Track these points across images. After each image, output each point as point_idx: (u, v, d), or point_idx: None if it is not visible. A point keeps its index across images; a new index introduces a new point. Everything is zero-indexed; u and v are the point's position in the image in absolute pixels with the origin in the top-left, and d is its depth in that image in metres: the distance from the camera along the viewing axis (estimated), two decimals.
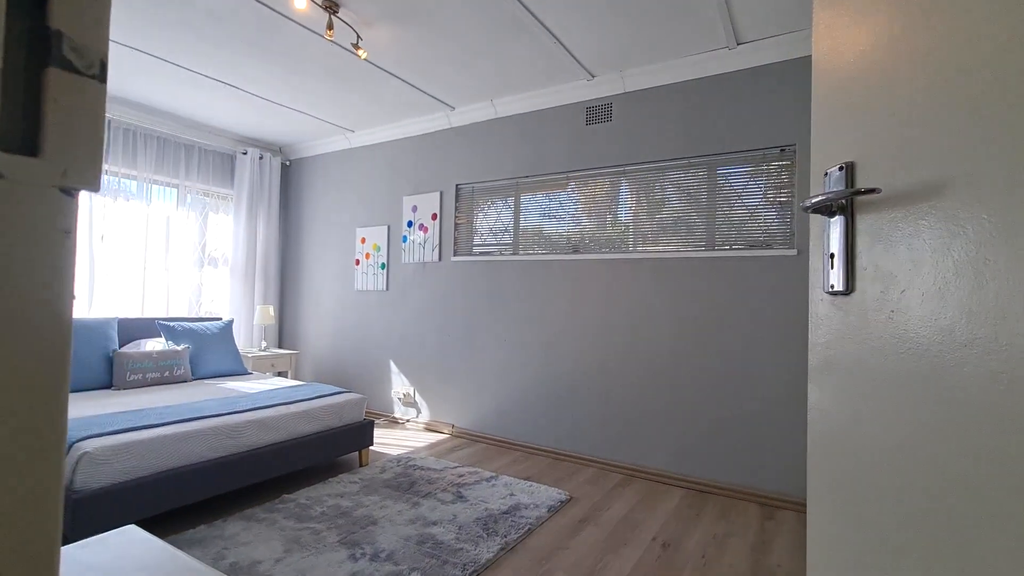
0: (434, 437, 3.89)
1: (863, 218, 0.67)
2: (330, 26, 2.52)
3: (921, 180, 0.60)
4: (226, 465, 2.39)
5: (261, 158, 4.87)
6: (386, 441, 3.73)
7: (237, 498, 2.61)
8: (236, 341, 4.50)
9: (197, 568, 0.88)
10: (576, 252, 3.46)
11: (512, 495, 2.70)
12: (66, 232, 0.30)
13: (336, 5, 2.52)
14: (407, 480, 2.87)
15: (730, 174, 2.96)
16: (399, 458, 3.27)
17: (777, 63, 2.81)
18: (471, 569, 1.95)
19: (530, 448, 3.57)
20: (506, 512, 2.48)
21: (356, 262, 4.62)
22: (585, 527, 2.41)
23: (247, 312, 4.82)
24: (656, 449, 3.11)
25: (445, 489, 2.75)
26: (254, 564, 1.94)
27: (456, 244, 4.03)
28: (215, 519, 2.35)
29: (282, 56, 3.13)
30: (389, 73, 3.34)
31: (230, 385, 3.36)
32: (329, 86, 3.59)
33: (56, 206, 0.30)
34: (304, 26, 2.75)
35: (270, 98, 3.84)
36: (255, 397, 2.93)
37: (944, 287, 0.57)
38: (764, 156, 2.87)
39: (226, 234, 4.80)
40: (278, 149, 5.16)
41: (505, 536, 2.23)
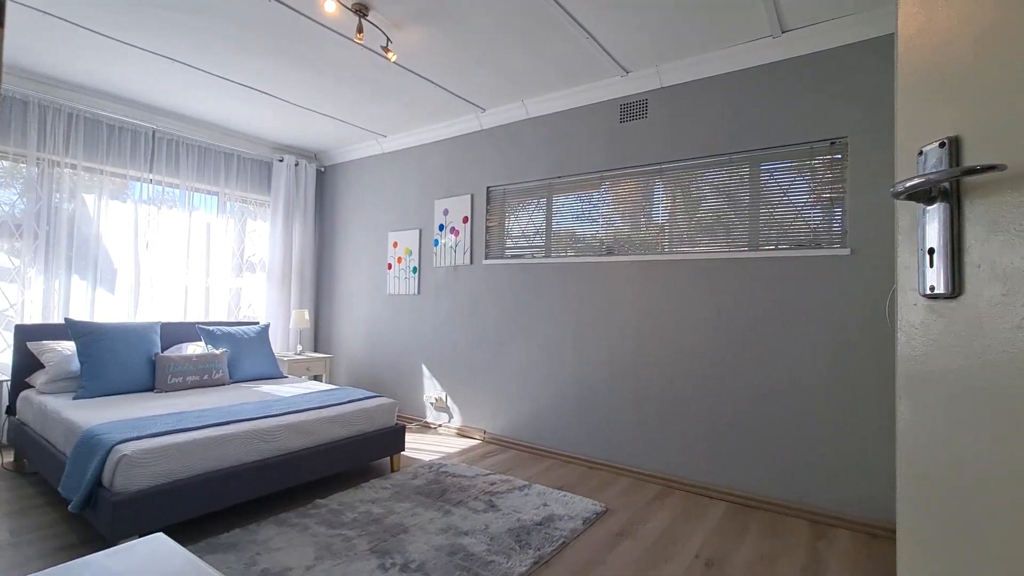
0: (466, 443, 3.84)
1: (974, 204, 0.56)
2: (360, 29, 2.51)
3: None
4: (260, 469, 2.40)
5: (297, 165, 4.96)
6: (418, 446, 3.70)
7: (271, 502, 2.62)
8: (272, 345, 4.58)
9: None
10: (610, 254, 3.35)
11: (545, 505, 2.61)
12: None
13: (366, 8, 2.51)
14: (439, 487, 2.83)
15: (775, 170, 2.80)
16: (431, 464, 3.23)
17: (825, 51, 2.64)
18: None
19: (563, 456, 3.47)
20: (539, 523, 2.39)
21: (388, 266, 4.63)
22: (623, 541, 2.30)
23: (283, 316, 4.91)
24: (696, 459, 2.96)
25: (477, 497, 2.69)
26: (285, 571, 1.93)
27: (488, 247, 3.98)
28: (249, 523, 2.35)
29: (314, 62, 3.16)
30: (419, 76, 3.32)
31: (265, 388, 3.40)
32: (361, 91, 3.60)
33: None
34: (334, 30, 2.76)
35: (304, 104, 3.89)
36: (289, 401, 2.95)
37: None
38: (812, 150, 2.70)
39: (263, 240, 4.90)
40: (313, 156, 5.24)
41: (539, 549, 2.15)
